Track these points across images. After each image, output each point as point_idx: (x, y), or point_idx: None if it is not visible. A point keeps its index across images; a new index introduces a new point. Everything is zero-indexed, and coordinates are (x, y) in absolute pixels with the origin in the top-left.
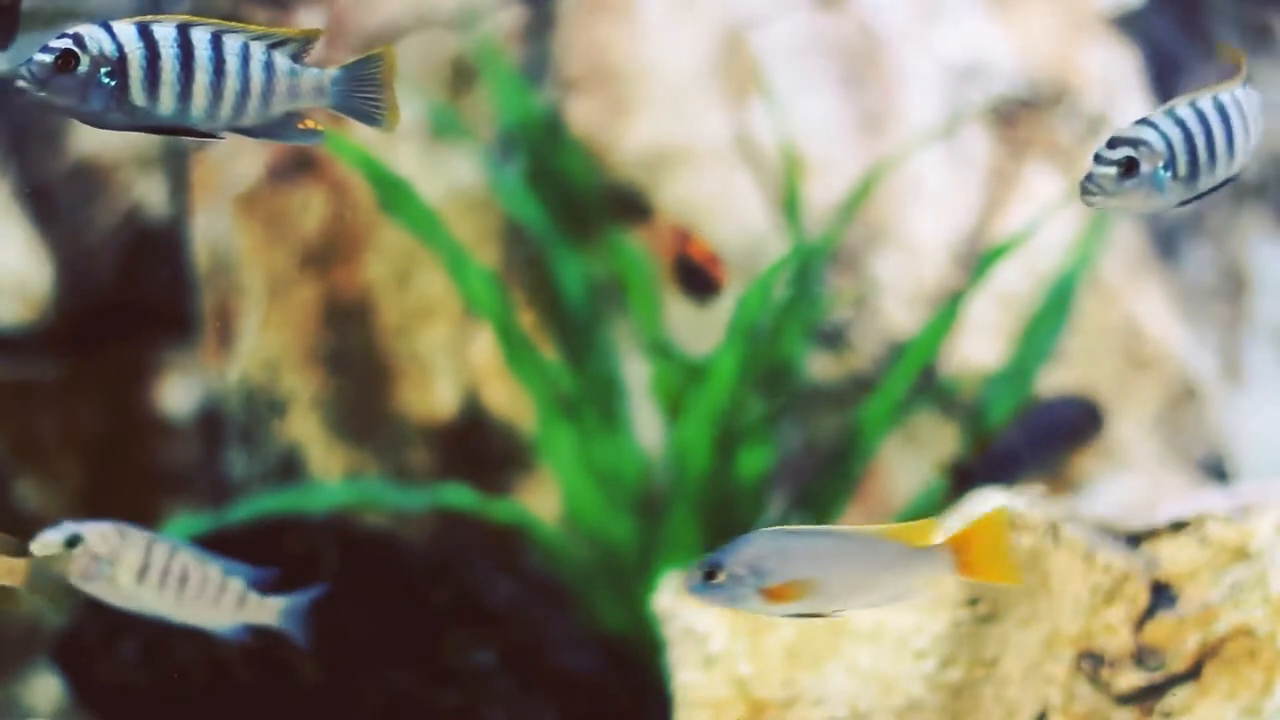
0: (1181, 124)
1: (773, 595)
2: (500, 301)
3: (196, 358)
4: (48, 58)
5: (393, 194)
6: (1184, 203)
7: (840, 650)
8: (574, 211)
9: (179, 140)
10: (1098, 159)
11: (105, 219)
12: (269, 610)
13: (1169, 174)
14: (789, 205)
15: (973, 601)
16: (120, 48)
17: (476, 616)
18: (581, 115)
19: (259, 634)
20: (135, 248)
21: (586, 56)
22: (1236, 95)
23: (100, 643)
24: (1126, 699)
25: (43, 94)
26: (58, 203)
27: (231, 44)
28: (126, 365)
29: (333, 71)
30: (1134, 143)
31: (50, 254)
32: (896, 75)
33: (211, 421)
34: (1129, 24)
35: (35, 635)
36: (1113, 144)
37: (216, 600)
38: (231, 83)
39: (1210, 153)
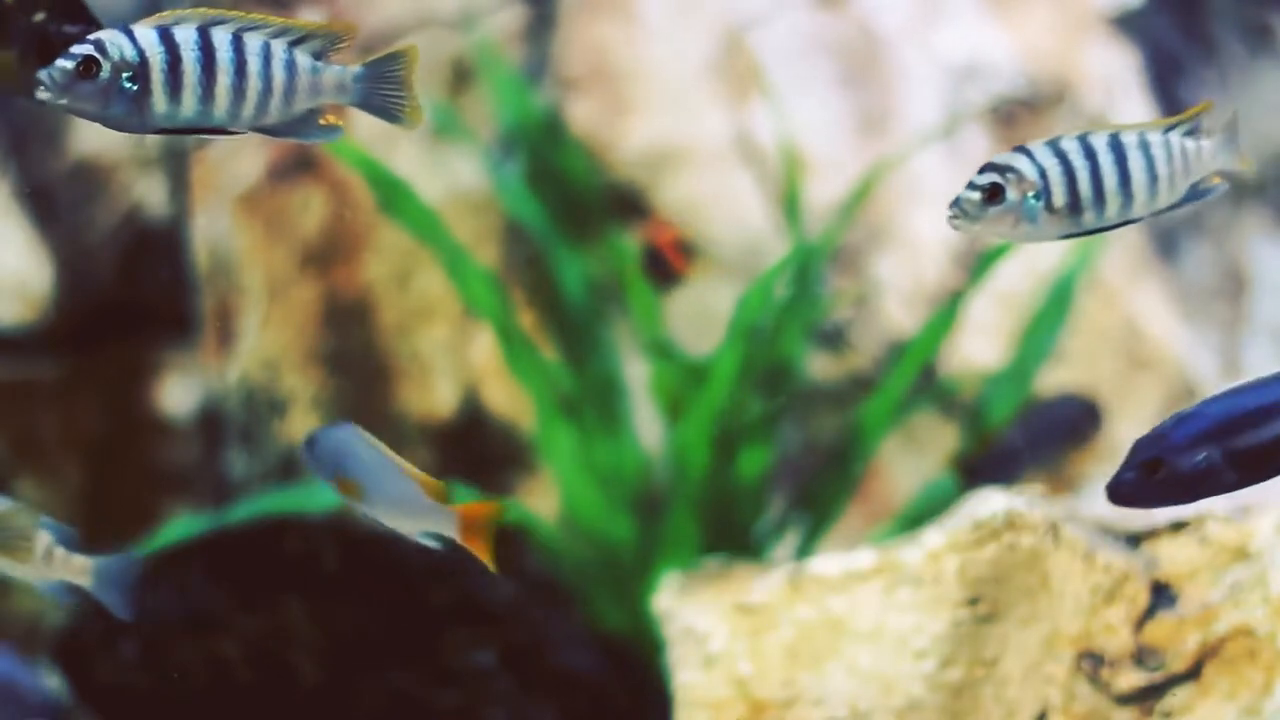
0: (1062, 156)
1: (341, 487)
2: (500, 301)
3: (196, 358)
4: (69, 64)
5: (393, 194)
6: (1069, 236)
7: (840, 650)
8: (574, 211)
9: (179, 140)
10: (968, 183)
11: (105, 219)
12: (77, 568)
13: (1040, 204)
14: (789, 205)
15: (973, 601)
16: (141, 53)
17: (476, 616)
18: (581, 115)
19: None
20: (135, 248)
21: (586, 56)
22: (1149, 139)
23: (100, 643)
24: (1126, 699)
25: (64, 101)
26: (58, 203)
27: (253, 44)
28: (126, 365)
29: (355, 69)
30: (1003, 169)
31: (50, 254)
32: (896, 75)
33: (211, 421)
34: (1129, 24)
35: (35, 635)
36: (983, 169)
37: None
38: (254, 83)
39: (1096, 190)
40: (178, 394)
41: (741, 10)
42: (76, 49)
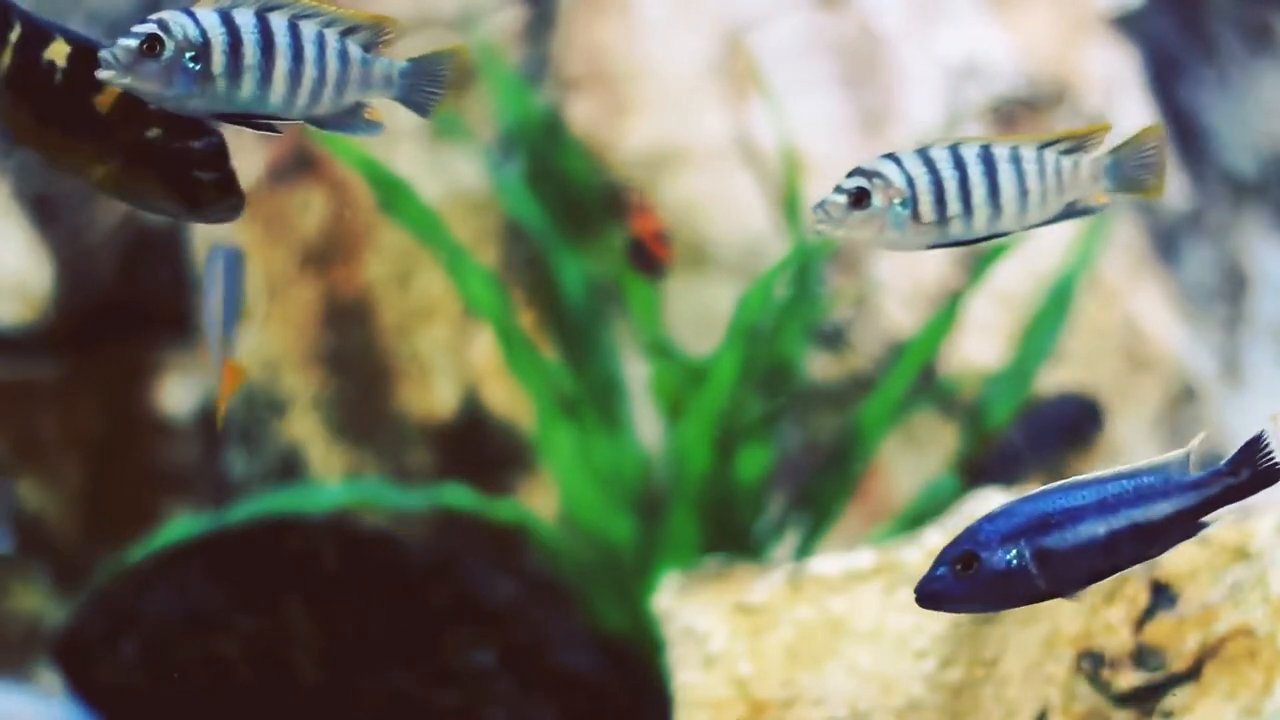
0: (931, 165)
1: None
2: (500, 301)
3: (196, 358)
4: (132, 42)
5: (393, 194)
6: (935, 247)
7: (840, 650)
8: (574, 211)
9: None
10: (835, 186)
11: (105, 219)
12: None
13: (907, 212)
14: (789, 205)
15: None
16: (204, 33)
17: (476, 616)
18: (581, 115)
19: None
20: (135, 248)
21: (586, 56)
22: (1021, 153)
23: (100, 643)
24: (1126, 699)
25: (127, 80)
26: (58, 203)
27: (308, 31)
28: (126, 365)
29: (401, 64)
30: (871, 175)
31: (50, 254)
32: (896, 75)
33: (212, 421)
34: (1129, 24)
35: (35, 635)
36: (851, 173)
37: None
38: (309, 70)
39: (965, 202)
40: (178, 394)
41: (741, 10)
42: (139, 28)
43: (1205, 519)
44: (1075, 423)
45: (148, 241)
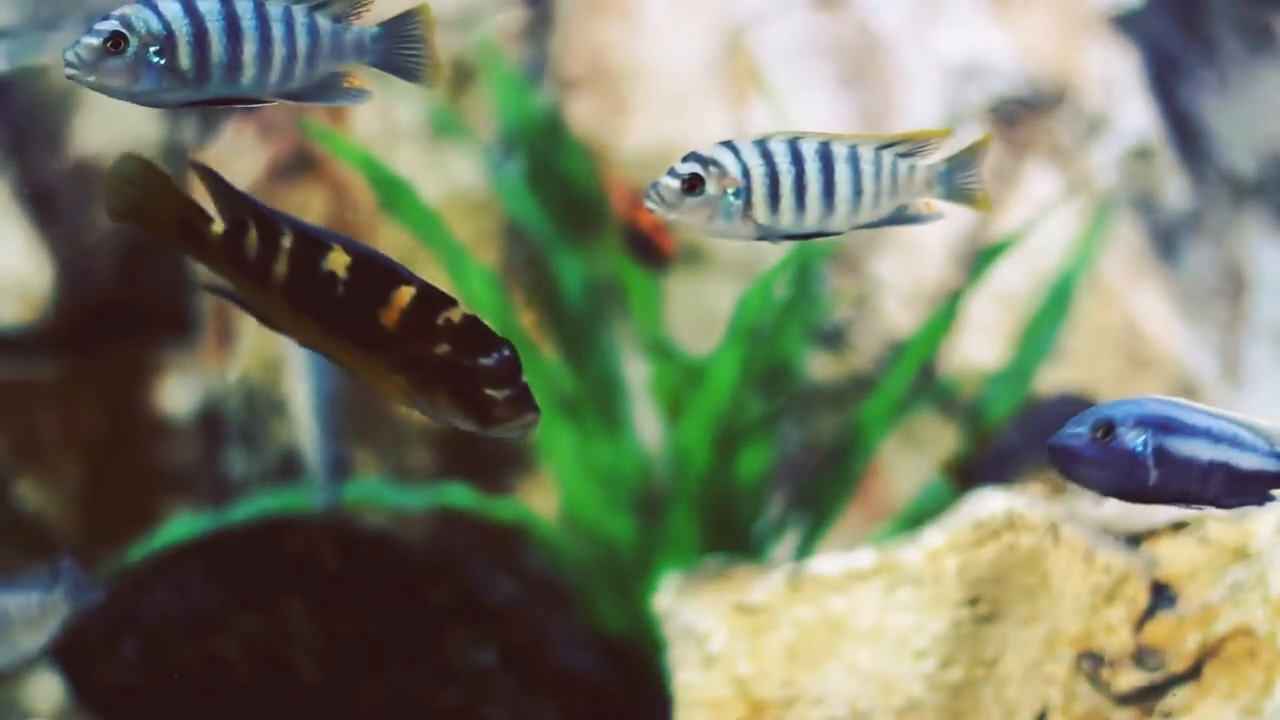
0: (768, 157)
1: None
2: (500, 301)
3: (196, 358)
4: (95, 40)
5: (393, 194)
6: (764, 239)
7: (840, 650)
8: (574, 211)
9: (179, 140)
10: (670, 169)
11: (105, 219)
12: (58, 604)
13: (739, 202)
14: None
15: (973, 601)
16: (167, 25)
17: (476, 616)
18: (581, 115)
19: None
20: (135, 248)
21: (586, 56)
22: (859, 152)
23: (100, 643)
24: (1126, 699)
25: (92, 79)
26: (58, 203)
27: (275, 10)
28: (126, 365)
29: (373, 29)
30: (707, 161)
31: (50, 254)
32: (896, 75)
33: (211, 421)
34: (1129, 24)
35: None
36: (687, 158)
37: None
38: (278, 49)
39: (799, 197)
40: (178, 394)
41: (741, 10)
42: (101, 25)
43: (1275, 491)
44: None
45: (148, 241)
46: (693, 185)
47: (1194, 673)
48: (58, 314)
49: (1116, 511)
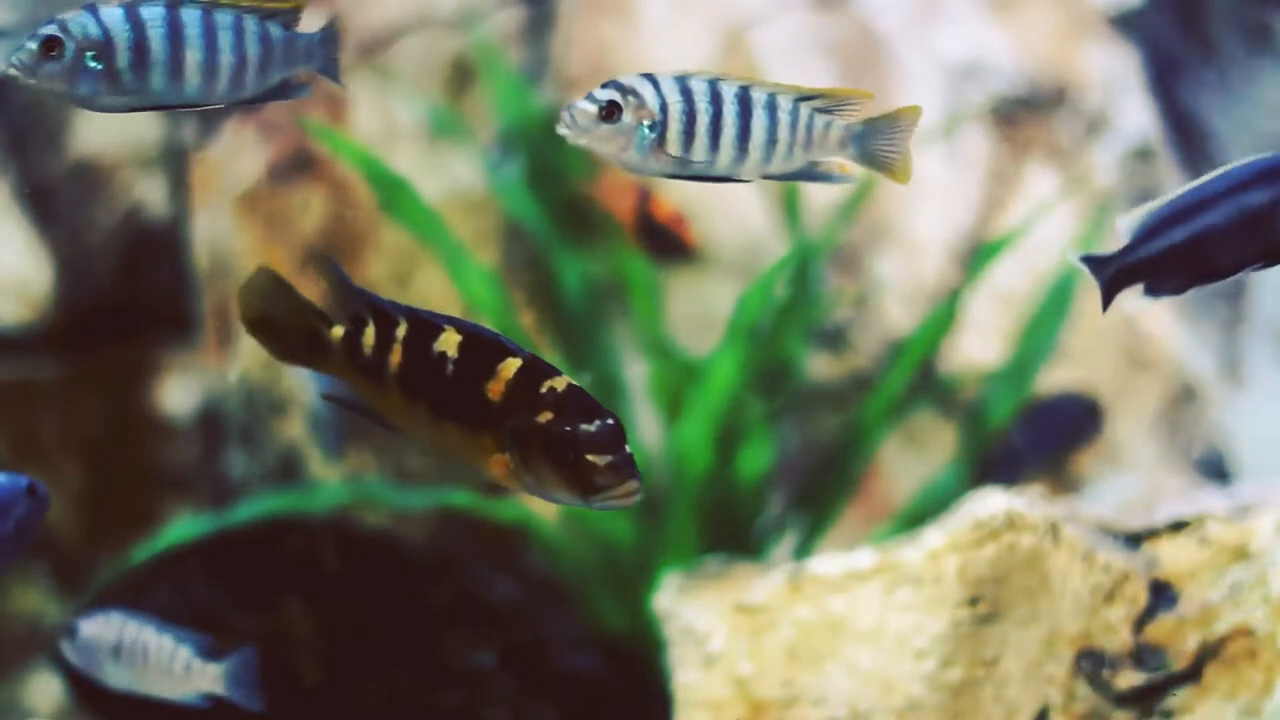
0: (688, 95)
1: None
2: (500, 301)
3: (196, 358)
4: (33, 45)
5: (393, 194)
6: (673, 177)
7: (840, 650)
8: (574, 211)
9: (179, 140)
10: (588, 94)
11: (105, 219)
12: (211, 677)
13: (653, 136)
14: (789, 205)
15: (973, 601)
16: (106, 31)
17: (476, 616)
18: None
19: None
20: (135, 248)
21: (586, 56)
22: (778, 101)
23: None
24: (1126, 699)
25: (32, 81)
26: (58, 203)
27: (224, 19)
28: (126, 365)
29: (317, 34)
30: (626, 91)
31: (50, 254)
32: (896, 75)
33: (211, 421)
34: (1129, 24)
35: (35, 635)
36: (607, 84)
37: (169, 671)
38: (226, 58)
39: (713, 139)
40: (178, 394)
41: (741, 10)
42: (42, 30)
43: None
44: (1075, 423)
45: (148, 241)
46: (609, 113)
47: (1194, 673)
48: (58, 314)
49: (1116, 512)
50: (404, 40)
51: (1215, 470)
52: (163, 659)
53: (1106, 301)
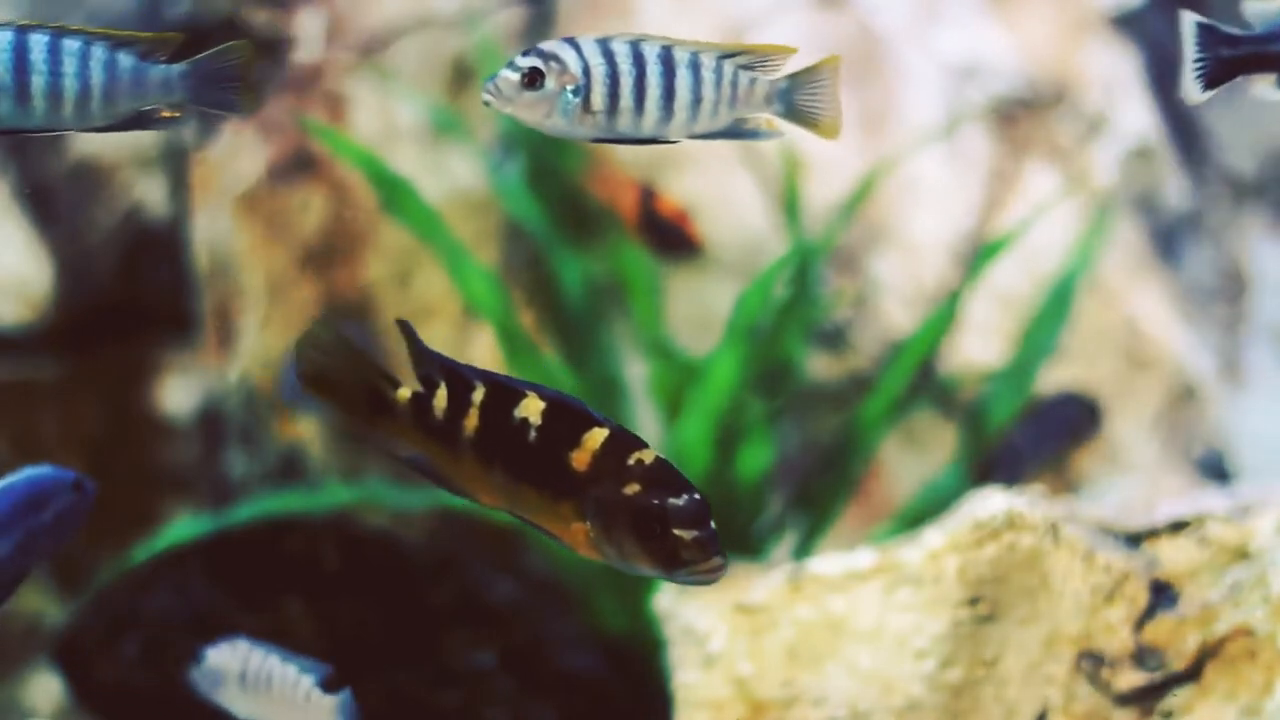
0: (610, 57)
1: None
2: (500, 301)
3: (196, 358)
4: None
5: (393, 194)
6: (600, 140)
7: (840, 650)
8: (574, 211)
9: (179, 140)
10: (509, 62)
11: (105, 219)
12: (327, 708)
13: (578, 100)
14: (789, 205)
15: (973, 601)
16: None
17: (476, 616)
18: None
19: None
20: (135, 248)
21: None
22: (701, 60)
23: (100, 643)
24: (1126, 699)
25: None
26: (58, 203)
27: (70, 45)
28: (126, 365)
29: (180, 67)
30: (548, 57)
31: (50, 254)
32: (896, 75)
33: (211, 421)
34: (1129, 24)
35: (35, 635)
36: (527, 52)
37: (291, 700)
38: (69, 83)
39: (638, 100)
40: (178, 394)
41: (741, 10)
42: None
43: None
44: (1075, 423)
45: (148, 241)
46: (532, 80)
47: (1194, 673)
48: (58, 314)
49: (1116, 512)
50: (404, 40)
51: (1215, 470)
52: (286, 689)
53: (1213, 85)
